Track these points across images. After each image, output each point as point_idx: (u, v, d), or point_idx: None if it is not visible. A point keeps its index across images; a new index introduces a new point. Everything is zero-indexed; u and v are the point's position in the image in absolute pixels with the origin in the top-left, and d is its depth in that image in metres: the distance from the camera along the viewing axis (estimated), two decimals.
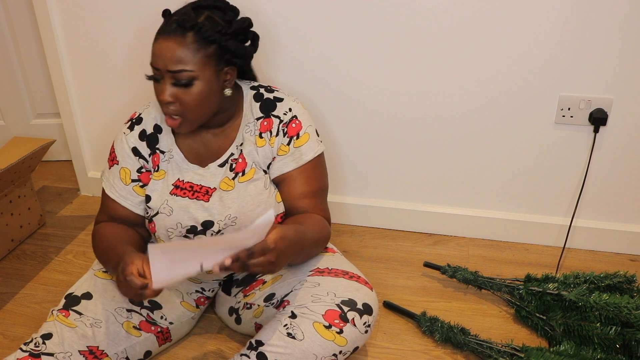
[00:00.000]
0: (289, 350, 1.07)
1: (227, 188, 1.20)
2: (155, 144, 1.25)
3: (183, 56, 1.09)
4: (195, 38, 1.09)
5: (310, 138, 1.25)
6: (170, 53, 1.09)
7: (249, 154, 1.23)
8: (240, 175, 1.21)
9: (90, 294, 1.18)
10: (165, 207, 1.20)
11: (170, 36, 1.09)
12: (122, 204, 1.25)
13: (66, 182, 2.12)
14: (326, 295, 1.12)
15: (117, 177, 1.25)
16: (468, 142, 1.62)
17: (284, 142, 1.23)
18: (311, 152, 1.24)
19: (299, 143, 1.23)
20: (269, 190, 1.22)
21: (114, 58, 1.74)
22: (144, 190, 1.25)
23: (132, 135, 1.25)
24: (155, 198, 1.22)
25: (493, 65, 1.50)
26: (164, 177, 1.23)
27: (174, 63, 1.09)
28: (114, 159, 1.26)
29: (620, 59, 1.43)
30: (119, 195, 1.25)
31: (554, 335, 1.31)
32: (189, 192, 1.21)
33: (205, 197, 1.20)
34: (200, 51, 1.10)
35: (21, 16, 2.00)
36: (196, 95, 1.12)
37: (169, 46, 1.09)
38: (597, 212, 1.64)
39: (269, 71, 1.64)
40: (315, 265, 1.21)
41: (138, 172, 1.24)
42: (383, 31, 1.52)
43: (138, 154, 1.24)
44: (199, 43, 1.10)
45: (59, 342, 1.09)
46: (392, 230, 1.79)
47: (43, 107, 2.19)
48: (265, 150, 1.23)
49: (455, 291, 1.52)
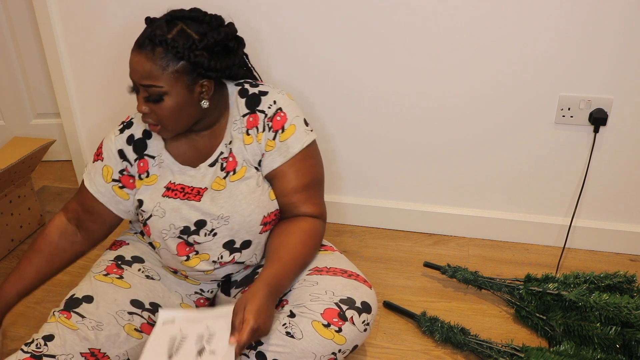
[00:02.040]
0: (288, 349, 1.08)
1: (218, 188, 1.20)
2: (144, 150, 1.25)
3: (152, 72, 1.08)
4: (163, 54, 1.08)
5: (297, 129, 1.22)
6: (141, 67, 1.09)
7: (239, 152, 1.22)
8: (232, 174, 1.21)
9: (92, 296, 1.18)
10: (158, 209, 1.21)
11: (142, 50, 1.09)
12: (99, 200, 1.26)
13: (66, 182, 2.12)
14: (325, 294, 1.12)
15: (99, 173, 1.26)
16: (468, 142, 1.62)
17: (270, 137, 1.21)
18: (298, 144, 1.21)
19: (285, 136, 1.21)
20: (262, 188, 1.21)
21: (113, 58, 1.74)
22: (123, 191, 1.26)
23: (121, 137, 1.25)
24: (148, 201, 1.22)
25: (493, 65, 1.50)
26: (156, 181, 1.23)
27: (144, 78, 1.09)
28: (100, 155, 1.27)
29: (620, 59, 1.43)
30: (96, 191, 1.26)
31: (554, 335, 1.31)
32: (180, 194, 1.21)
33: (197, 197, 1.20)
34: (169, 67, 1.09)
35: (21, 16, 2.00)
36: (168, 109, 1.12)
37: (140, 60, 1.09)
38: (597, 212, 1.64)
39: (267, 70, 1.63)
40: (313, 264, 1.21)
41: (120, 173, 1.25)
42: (384, 31, 1.52)
43: (123, 157, 1.25)
44: (167, 59, 1.09)
45: (61, 344, 1.09)
46: (392, 230, 1.79)
47: (43, 107, 2.19)
48: (254, 147, 1.22)
49: (455, 291, 1.52)
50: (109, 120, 1.86)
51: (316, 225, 1.23)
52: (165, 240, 1.21)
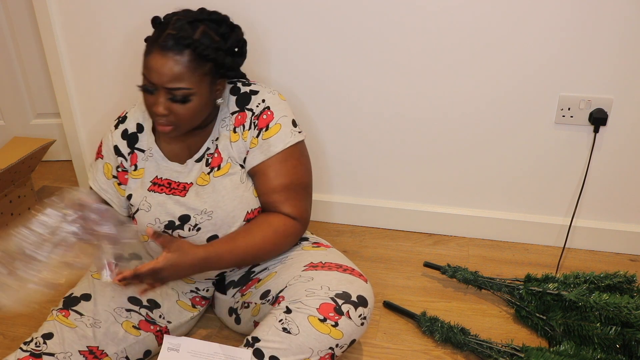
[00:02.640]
0: (285, 345, 1.08)
1: (202, 183, 1.21)
2: (135, 143, 1.26)
3: (181, 74, 1.08)
4: (192, 56, 1.09)
5: (282, 129, 1.21)
6: (168, 70, 1.08)
7: (224, 148, 1.22)
8: (216, 170, 1.22)
9: (89, 294, 1.18)
10: (144, 203, 1.22)
11: (167, 52, 1.08)
12: (103, 197, 1.28)
13: (66, 182, 2.12)
14: (320, 289, 1.12)
15: (101, 171, 1.28)
16: (468, 142, 1.62)
17: (254, 134, 1.22)
18: (281, 144, 1.20)
19: (268, 134, 1.21)
20: (246, 185, 1.21)
21: (113, 58, 1.74)
22: (120, 188, 1.27)
23: (116, 133, 1.27)
24: (135, 195, 1.24)
25: (493, 65, 1.50)
26: (142, 175, 1.24)
27: (172, 81, 1.08)
28: (100, 153, 1.30)
29: (620, 59, 1.43)
30: (99, 188, 1.28)
31: (554, 335, 1.31)
32: (166, 189, 1.22)
33: (182, 192, 1.21)
34: (198, 69, 1.10)
35: (21, 16, 2.00)
36: (192, 109, 1.12)
37: (166, 63, 1.08)
38: (597, 212, 1.64)
39: (262, 71, 1.63)
40: (309, 260, 1.21)
41: (117, 169, 1.27)
42: (383, 30, 1.52)
43: (118, 153, 1.26)
44: (196, 61, 1.09)
45: (60, 342, 1.09)
46: (392, 230, 1.79)
47: (43, 107, 2.19)
48: (239, 145, 1.23)
49: (455, 291, 1.52)
50: (109, 120, 1.86)
51: (290, 225, 1.21)
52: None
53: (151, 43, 1.11)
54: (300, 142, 1.24)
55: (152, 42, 1.11)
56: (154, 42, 1.10)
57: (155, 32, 1.13)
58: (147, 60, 1.11)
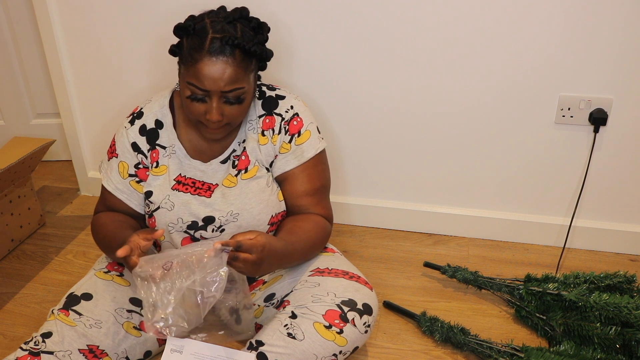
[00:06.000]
0: (289, 350, 1.07)
1: (230, 185, 1.21)
2: (156, 140, 1.24)
3: (235, 75, 1.08)
4: (242, 55, 1.09)
5: (312, 135, 1.25)
6: (226, 74, 1.07)
7: (252, 151, 1.23)
8: (243, 172, 1.22)
9: (90, 294, 1.18)
10: (167, 202, 1.21)
11: (219, 57, 1.06)
12: (118, 197, 1.25)
13: (66, 182, 2.12)
14: (326, 296, 1.12)
15: (115, 170, 1.25)
16: (468, 142, 1.62)
17: (286, 139, 1.23)
18: (312, 150, 1.24)
19: (301, 140, 1.24)
20: (272, 188, 1.23)
21: (114, 58, 1.74)
22: (140, 185, 1.25)
23: (133, 129, 1.24)
24: (157, 193, 1.22)
25: (493, 65, 1.50)
26: (166, 172, 1.23)
27: (228, 84, 1.08)
28: (114, 152, 1.26)
29: (620, 59, 1.43)
30: (115, 188, 1.25)
31: (554, 335, 1.31)
32: (191, 188, 1.21)
33: (207, 193, 1.21)
34: (248, 67, 1.11)
35: (21, 16, 2.00)
36: (245, 108, 1.14)
37: (222, 68, 1.07)
38: (597, 212, 1.64)
39: (272, 71, 1.63)
40: (315, 266, 1.21)
41: (135, 167, 1.25)
42: (384, 29, 1.52)
43: (137, 149, 1.24)
44: (246, 60, 1.10)
45: (59, 340, 1.09)
46: (392, 230, 1.79)
47: (43, 107, 2.19)
48: (268, 148, 1.24)
49: (455, 291, 1.52)
50: (109, 120, 1.86)
51: (325, 223, 1.25)
52: (171, 234, 1.21)
53: (196, 51, 1.07)
54: (324, 148, 1.28)
55: (196, 49, 1.08)
56: (199, 50, 1.07)
57: (191, 39, 1.09)
58: (196, 70, 1.07)
